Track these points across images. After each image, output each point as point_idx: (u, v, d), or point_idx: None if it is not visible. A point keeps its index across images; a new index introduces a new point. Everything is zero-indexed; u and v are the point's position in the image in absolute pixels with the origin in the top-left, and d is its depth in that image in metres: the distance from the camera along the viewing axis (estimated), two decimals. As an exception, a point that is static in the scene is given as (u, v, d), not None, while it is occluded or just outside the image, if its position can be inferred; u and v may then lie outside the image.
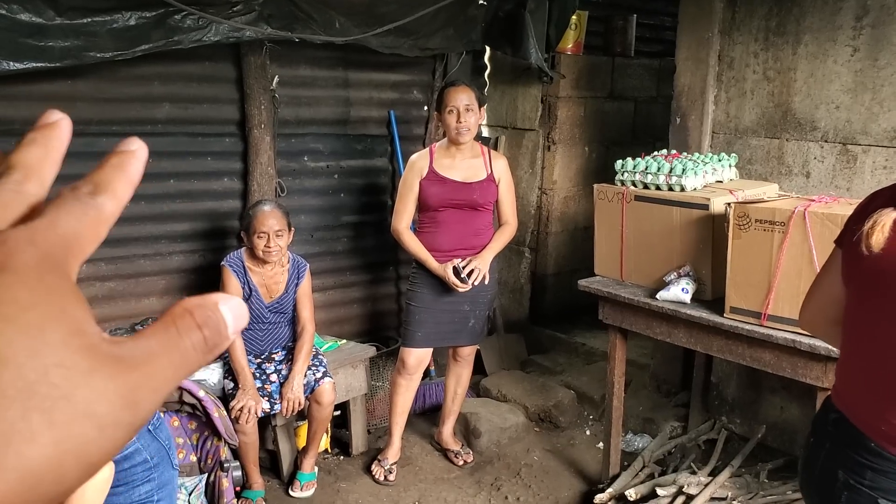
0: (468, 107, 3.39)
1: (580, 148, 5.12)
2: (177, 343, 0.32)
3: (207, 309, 0.34)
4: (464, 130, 3.40)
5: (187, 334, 0.33)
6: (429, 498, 3.57)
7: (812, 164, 3.47)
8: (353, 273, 4.46)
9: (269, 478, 3.60)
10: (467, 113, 3.39)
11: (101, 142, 3.51)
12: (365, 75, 4.27)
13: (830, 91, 3.36)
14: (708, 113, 3.81)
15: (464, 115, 3.39)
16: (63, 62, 3.03)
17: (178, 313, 0.33)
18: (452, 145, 3.48)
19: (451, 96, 3.41)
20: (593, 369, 4.64)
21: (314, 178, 4.22)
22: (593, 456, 3.90)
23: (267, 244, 3.30)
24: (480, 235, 3.56)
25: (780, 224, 2.61)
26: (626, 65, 5.22)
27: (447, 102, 3.41)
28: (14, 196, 0.33)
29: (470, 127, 3.42)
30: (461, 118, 3.39)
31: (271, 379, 3.41)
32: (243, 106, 3.82)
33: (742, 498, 3.03)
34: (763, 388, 3.68)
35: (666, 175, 3.12)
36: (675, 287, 3.00)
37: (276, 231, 3.31)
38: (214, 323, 0.34)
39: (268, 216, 3.31)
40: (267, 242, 3.30)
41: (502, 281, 5.19)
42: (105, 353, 0.30)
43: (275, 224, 3.31)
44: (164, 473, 1.82)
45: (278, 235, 3.32)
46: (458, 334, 3.66)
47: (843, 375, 1.68)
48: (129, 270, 3.71)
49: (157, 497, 1.81)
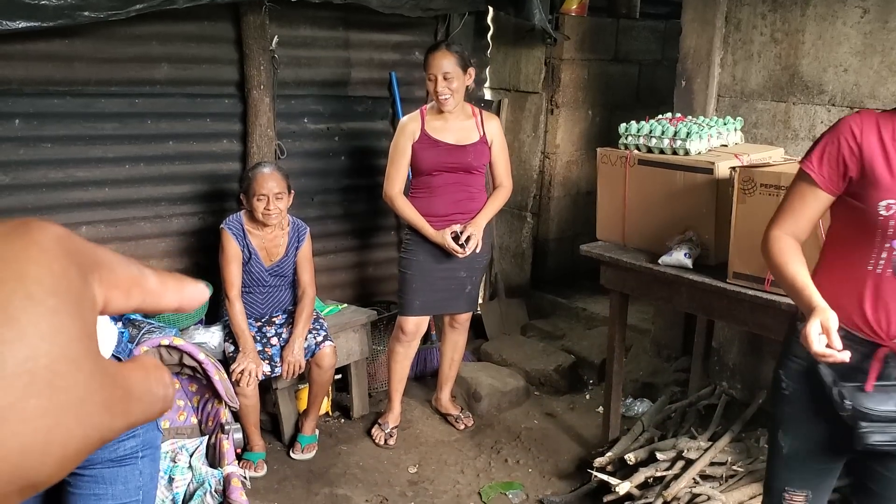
0: (447, 74, 3.31)
1: (583, 111, 5.06)
2: (149, 387, 0.35)
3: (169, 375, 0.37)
4: (443, 99, 3.34)
5: (159, 386, 0.36)
6: (429, 460, 3.59)
7: (819, 129, 3.42)
8: (354, 237, 4.43)
9: (270, 440, 3.62)
10: (445, 80, 3.31)
11: (99, 102, 3.48)
12: (365, 36, 4.21)
13: (839, 54, 3.31)
14: (714, 76, 3.75)
15: (441, 83, 3.31)
16: (57, 22, 2.97)
17: (153, 365, 0.36)
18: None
19: (431, 63, 3.33)
20: (594, 334, 4.64)
21: (314, 140, 4.18)
22: (593, 420, 3.91)
23: (266, 207, 3.27)
24: (475, 199, 3.53)
25: (786, 189, 2.58)
26: (630, 27, 5.14)
27: (426, 69, 3.35)
28: None
29: (450, 93, 3.33)
30: (438, 86, 3.32)
31: (272, 342, 3.40)
32: (242, 67, 3.77)
33: (742, 463, 3.04)
34: (764, 353, 3.67)
35: (670, 139, 3.08)
36: (678, 252, 2.98)
37: (275, 194, 3.28)
38: (172, 391, 0.37)
39: (267, 178, 3.28)
40: (266, 205, 3.27)
41: (504, 246, 5.17)
42: (103, 364, 0.32)
43: (274, 186, 3.28)
44: (150, 433, 1.82)
45: (278, 198, 3.29)
46: (455, 301, 3.64)
47: None
48: (129, 233, 3.69)
49: (142, 454, 1.81)
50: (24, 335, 0.29)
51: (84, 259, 0.33)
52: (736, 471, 3.01)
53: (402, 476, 3.46)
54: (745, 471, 3.00)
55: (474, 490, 3.37)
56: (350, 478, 3.42)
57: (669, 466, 3.06)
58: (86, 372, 0.31)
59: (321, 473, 3.44)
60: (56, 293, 0.30)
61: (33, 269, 0.30)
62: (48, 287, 0.30)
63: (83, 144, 3.48)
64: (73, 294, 0.31)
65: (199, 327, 3.49)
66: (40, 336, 0.29)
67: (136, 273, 0.36)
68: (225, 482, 2.66)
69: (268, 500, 3.24)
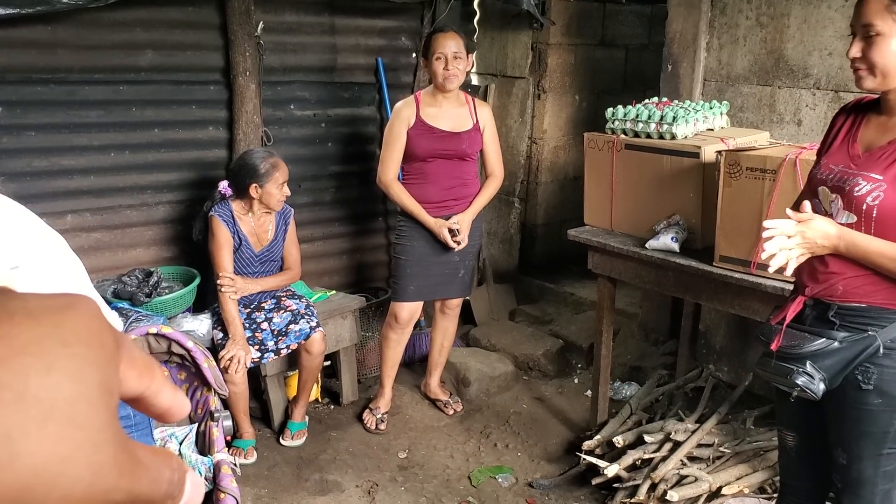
0: (456, 54, 3.34)
1: (570, 96, 5.07)
2: (157, 462, 0.37)
3: (188, 474, 0.39)
4: (451, 77, 3.36)
5: (166, 467, 0.37)
6: (419, 445, 3.60)
7: (804, 112, 3.44)
8: (342, 224, 4.43)
9: (260, 427, 3.63)
10: (455, 60, 3.34)
11: (83, 89, 3.45)
12: (352, 21, 4.19)
13: (824, 37, 3.32)
14: (700, 60, 3.76)
15: (451, 63, 3.34)
16: (35, 9, 2.95)
17: (162, 450, 0.38)
18: (439, 93, 3.43)
19: (440, 42, 3.35)
20: (582, 318, 4.66)
21: (301, 126, 4.16)
22: (581, 404, 3.94)
23: (285, 192, 3.39)
24: (468, 185, 3.56)
25: (771, 172, 2.60)
26: (617, 11, 5.14)
27: (435, 49, 3.35)
28: None
29: (458, 74, 3.37)
30: (449, 65, 3.34)
31: (262, 327, 3.40)
32: (227, 53, 3.75)
33: (728, 444, 3.07)
34: (750, 336, 3.70)
35: (657, 123, 3.09)
36: (665, 236, 2.99)
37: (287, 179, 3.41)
38: (180, 476, 0.39)
39: (285, 165, 3.37)
40: (285, 191, 3.39)
41: (492, 231, 5.18)
42: (117, 425, 0.34)
43: (287, 172, 3.40)
44: (143, 439, 1.79)
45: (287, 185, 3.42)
46: (449, 286, 3.66)
47: None
48: (115, 221, 3.67)
49: None
50: (51, 370, 0.32)
51: (116, 333, 0.36)
52: (723, 452, 3.04)
53: (392, 461, 3.48)
54: (731, 452, 3.03)
55: (464, 474, 3.39)
56: (340, 464, 3.43)
57: (657, 449, 3.08)
58: (102, 420, 0.33)
59: (311, 460, 3.45)
60: (88, 345, 0.34)
61: (72, 321, 0.34)
62: (82, 338, 0.34)
63: (67, 132, 3.45)
64: (103, 352, 0.35)
65: (188, 315, 3.49)
66: (66, 374, 0.32)
67: (150, 362, 0.39)
68: (215, 469, 2.66)
69: (258, 486, 3.24)
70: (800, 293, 2.00)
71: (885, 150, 1.85)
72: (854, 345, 1.87)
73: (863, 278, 1.86)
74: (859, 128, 1.96)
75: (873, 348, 1.85)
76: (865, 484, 1.96)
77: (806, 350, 1.91)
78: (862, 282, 1.86)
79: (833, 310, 1.91)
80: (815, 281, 1.94)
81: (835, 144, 2.00)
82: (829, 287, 1.91)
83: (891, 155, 1.83)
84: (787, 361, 1.94)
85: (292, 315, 3.44)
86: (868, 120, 1.95)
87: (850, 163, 1.91)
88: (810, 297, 1.96)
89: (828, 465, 2.07)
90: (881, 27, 1.78)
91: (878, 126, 1.92)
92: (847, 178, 1.88)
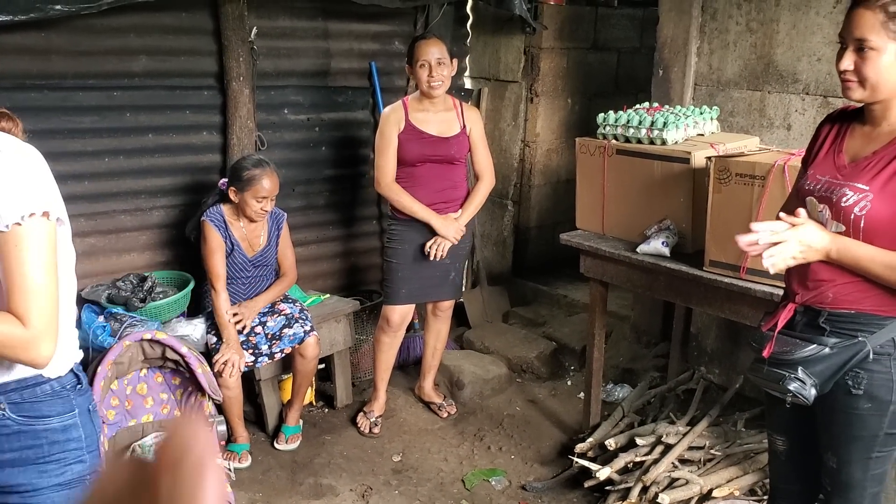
0: (440, 60, 3.36)
1: (563, 100, 5.09)
2: None
3: None
4: (436, 84, 3.38)
5: None
6: (413, 449, 3.62)
7: (793, 117, 3.47)
8: (335, 227, 4.44)
9: (254, 431, 3.64)
10: (439, 66, 3.37)
11: (77, 96, 3.46)
12: (345, 26, 4.20)
13: (812, 43, 3.35)
14: (690, 65, 3.78)
15: (436, 69, 3.36)
16: (28, 15, 2.96)
17: None
18: (425, 98, 3.45)
19: (422, 50, 3.37)
20: (575, 321, 4.69)
21: (294, 131, 4.17)
22: (574, 406, 3.96)
23: (264, 207, 3.33)
24: (458, 188, 3.60)
25: (761, 178, 2.62)
26: (609, 15, 5.16)
27: (418, 56, 3.38)
28: None
29: (443, 80, 3.39)
30: (433, 72, 3.36)
31: (255, 331, 3.42)
32: (221, 58, 3.75)
33: (719, 446, 3.10)
34: (741, 339, 3.73)
35: (647, 129, 3.11)
36: (656, 240, 3.02)
37: (273, 196, 3.36)
38: None
39: (271, 181, 3.32)
40: (264, 206, 3.33)
41: (485, 234, 5.20)
42: None
43: (273, 189, 3.35)
44: (96, 461, 1.76)
45: (272, 201, 3.37)
46: (440, 288, 3.68)
47: None
48: (109, 226, 3.68)
49: (92, 480, 1.75)
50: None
51: None
52: (714, 454, 3.07)
53: (386, 465, 3.50)
54: (722, 454, 3.06)
55: (458, 477, 3.41)
56: (334, 467, 3.45)
57: (649, 451, 3.11)
58: None
59: (305, 463, 3.47)
60: (194, 490, 0.52)
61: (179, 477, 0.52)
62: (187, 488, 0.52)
63: (62, 138, 3.46)
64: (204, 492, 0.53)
65: (182, 320, 3.50)
66: None
67: None
68: (210, 474, 2.68)
69: (252, 490, 3.26)
70: (790, 300, 2.03)
71: (871, 161, 1.87)
72: (844, 350, 1.90)
73: (853, 285, 1.88)
74: (844, 138, 1.98)
75: (863, 354, 1.88)
76: (855, 487, 1.98)
77: (797, 356, 1.94)
78: (852, 289, 1.89)
79: (823, 316, 1.94)
80: (805, 288, 1.96)
81: (820, 155, 2.02)
82: (819, 294, 1.94)
83: (876, 165, 1.86)
84: (779, 367, 1.97)
85: (286, 319, 3.46)
86: (853, 130, 1.97)
87: (836, 173, 1.93)
88: (801, 304, 1.99)
89: (817, 468, 2.09)
90: (875, 42, 1.78)
91: (863, 136, 1.94)
92: (834, 188, 1.90)
